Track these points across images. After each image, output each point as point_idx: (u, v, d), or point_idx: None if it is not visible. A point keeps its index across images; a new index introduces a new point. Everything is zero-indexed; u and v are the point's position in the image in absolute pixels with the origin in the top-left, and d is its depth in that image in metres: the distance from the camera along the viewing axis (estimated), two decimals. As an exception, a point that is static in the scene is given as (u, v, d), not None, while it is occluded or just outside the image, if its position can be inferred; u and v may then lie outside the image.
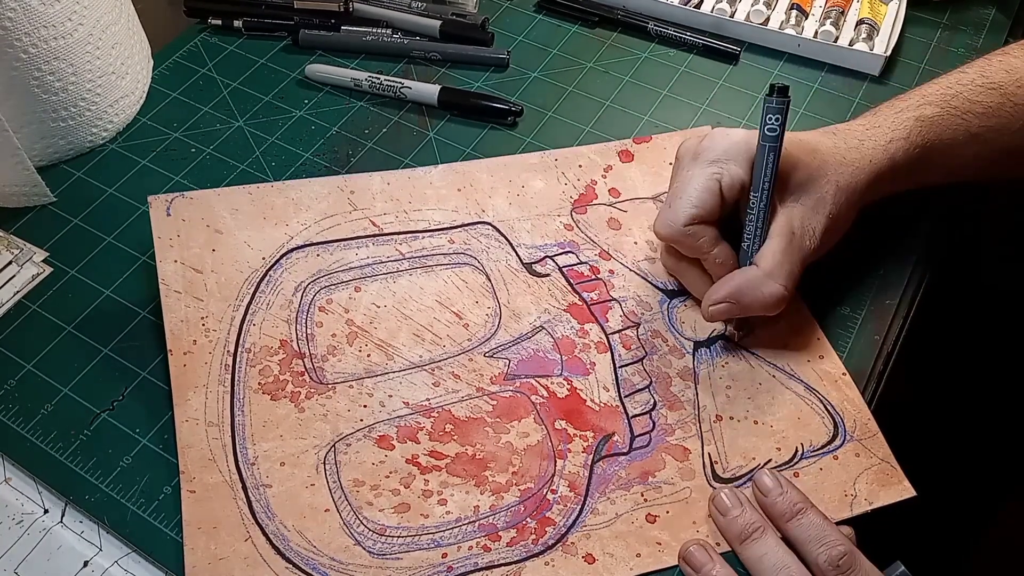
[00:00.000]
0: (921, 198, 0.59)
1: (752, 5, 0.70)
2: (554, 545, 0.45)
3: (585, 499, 0.47)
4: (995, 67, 0.54)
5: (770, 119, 0.48)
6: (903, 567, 0.45)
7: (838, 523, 0.46)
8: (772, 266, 0.49)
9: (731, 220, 0.51)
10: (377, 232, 0.56)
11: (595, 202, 0.58)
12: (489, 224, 0.57)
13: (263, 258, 0.54)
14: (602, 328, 0.53)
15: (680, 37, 0.70)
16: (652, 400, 0.50)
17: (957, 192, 0.60)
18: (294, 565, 0.44)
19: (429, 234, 0.56)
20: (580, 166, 0.60)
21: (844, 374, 0.51)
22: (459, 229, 0.56)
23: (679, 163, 0.52)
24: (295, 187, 0.57)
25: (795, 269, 0.49)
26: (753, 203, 0.49)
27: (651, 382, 0.51)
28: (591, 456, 0.48)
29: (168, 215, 0.55)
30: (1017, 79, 0.53)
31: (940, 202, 0.60)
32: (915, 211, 0.59)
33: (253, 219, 0.55)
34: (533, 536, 0.45)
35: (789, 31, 0.69)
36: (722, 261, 0.51)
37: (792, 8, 0.70)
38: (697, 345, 0.53)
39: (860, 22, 0.69)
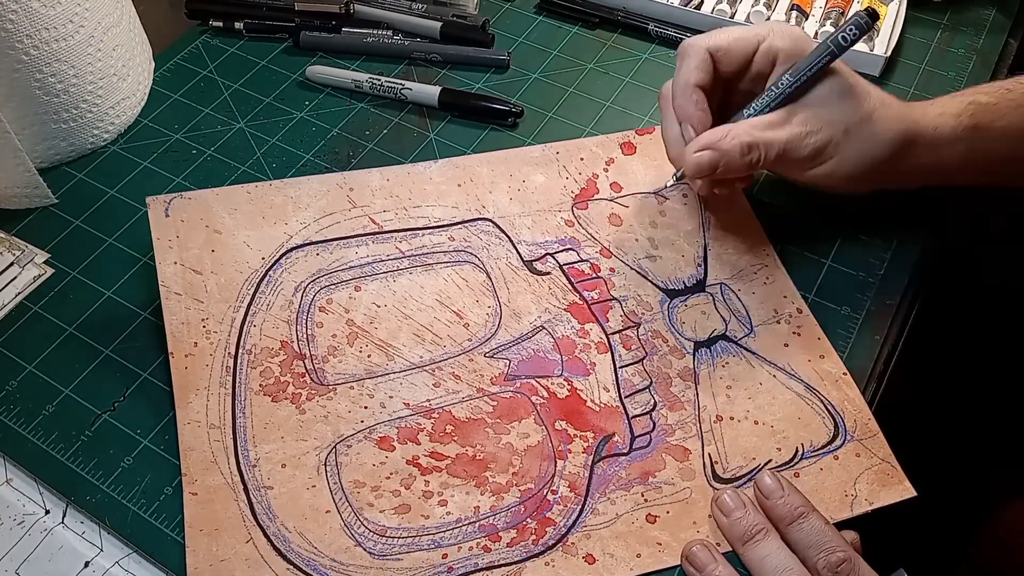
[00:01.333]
0: (921, 199, 0.59)
1: (752, 6, 0.70)
2: (554, 545, 0.45)
3: (585, 499, 0.47)
4: None
5: (848, 28, 0.49)
6: (906, 574, 0.44)
7: (841, 525, 0.46)
8: (754, 124, 0.50)
9: (737, 101, 0.53)
10: (377, 230, 0.56)
11: (596, 197, 0.58)
12: (489, 220, 0.57)
13: (262, 258, 0.54)
14: (602, 328, 0.53)
15: (680, 38, 0.69)
16: (652, 400, 0.50)
17: (957, 192, 0.60)
18: (295, 566, 0.44)
19: (429, 231, 0.56)
20: (582, 159, 0.60)
21: (845, 374, 0.51)
22: (459, 226, 0.56)
23: None
24: (294, 185, 0.57)
25: (777, 140, 0.49)
26: (778, 80, 0.50)
27: (651, 382, 0.51)
28: (591, 456, 0.48)
29: (167, 216, 0.55)
30: None
31: (940, 202, 0.60)
32: (916, 211, 0.59)
33: (252, 218, 0.55)
34: (533, 536, 0.45)
35: (789, 32, 0.69)
36: (696, 106, 0.52)
37: (792, 9, 0.70)
38: (697, 345, 0.53)
39: (860, 23, 0.69)
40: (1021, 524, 0.62)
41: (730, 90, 0.54)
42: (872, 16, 0.49)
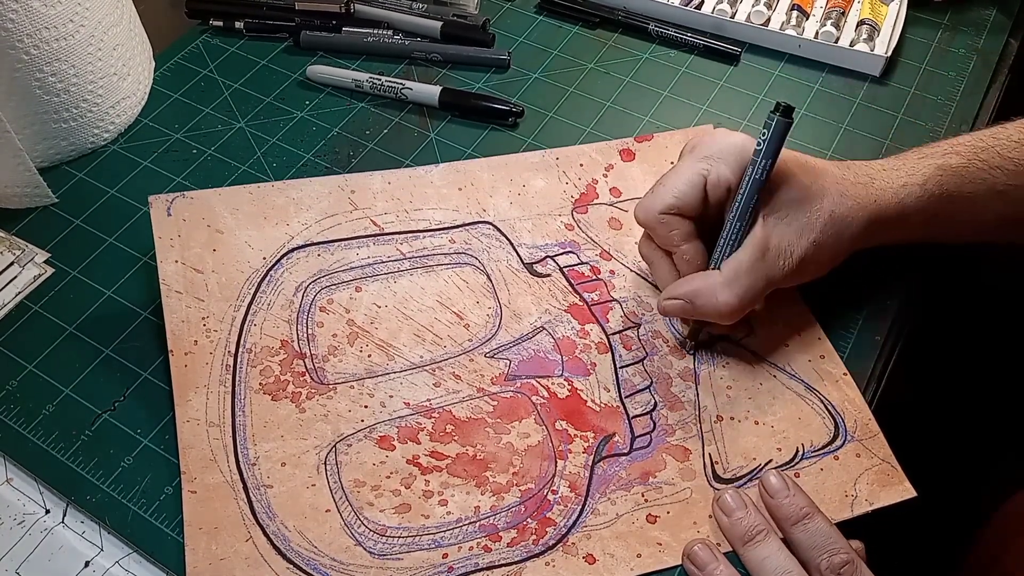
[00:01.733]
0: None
1: (753, 6, 0.70)
2: (555, 545, 0.45)
3: (586, 499, 0.47)
4: None
5: (763, 132, 0.47)
6: None
7: (842, 526, 0.46)
8: (733, 276, 0.48)
9: (715, 227, 0.50)
10: (378, 232, 0.56)
11: (596, 202, 0.58)
12: (490, 224, 0.57)
13: (264, 258, 0.54)
14: (603, 328, 0.53)
15: (681, 38, 0.70)
16: (653, 400, 0.50)
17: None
18: (295, 565, 0.44)
19: (430, 234, 0.56)
20: (581, 165, 0.60)
21: (845, 374, 0.51)
22: (460, 229, 0.56)
23: (680, 157, 0.52)
24: (296, 187, 0.57)
25: (757, 285, 0.48)
26: (734, 208, 0.48)
27: (652, 382, 0.51)
28: (592, 457, 0.48)
29: (169, 215, 0.55)
30: None
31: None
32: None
33: (254, 219, 0.55)
34: (534, 536, 0.45)
35: (790, 32, 0.69)
36: (690, 259, 0.50)
37: (793, 9, 0.70)
38: (698, 345, 0.53)
39: (861, 23, 0.69)
40: (1022, 524, 0.62)
41: (704, 217, 0.51)
42: (787, 112, 0.46)
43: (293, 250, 0.54)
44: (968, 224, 0.52)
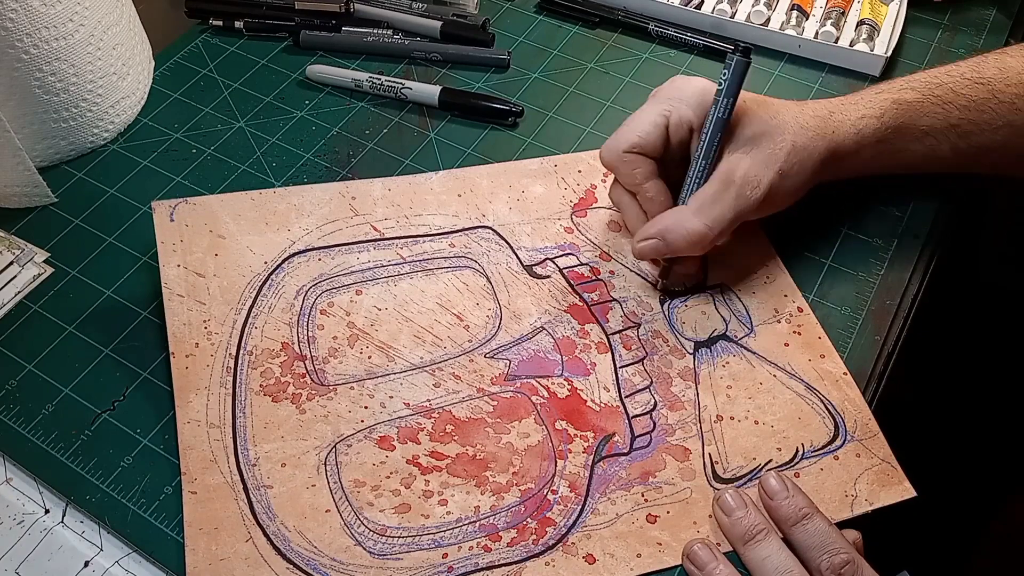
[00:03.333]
0: (921, 199, 0.59)
1: (753, 6, 0.70)
2: (554, 545, 0.45)
3: (586, 499, 0.47)
4: (989, 64, 0.54)
5: (723, 72, 0.49)
6: None
7: (843, 524, 0.46)
8: (700, 205, 0.50)
9: (678, 171, 0.52)
10: (378, 236, 0.56)
11: (595, 205, 0.58)
12: (489, 228, 0.57)
13: (265, 262, 0.54)
14: (603, 328, 0.53)
15: (681, 38, 0.70)
16: (653, 400, 0.50)
17: (957, 192, 0.60)
18: (295, 566, 0.44)
19: (430, 238, 0.56)
20: (580, 171, 0.60)
21: (845, 374, 0.51)
22: (460, 233, 0.57)
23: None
24: (297, 193, 0.57)
25: (726, 214, 0.50)
26: (699, 147, 0.51)
27: (652, 382, 0.51)
28: (592, 456, 0.48)
29: (171, 220, 0.55)
30: (1007, 77, 0.53)
31: (940, 202, 0.60)
32: (915, 211, 0.59)
33: (255, 224, 0.55)
34: (534, 536, 0.45)
35: (790, 32, 0.69)
36: (652, 196, 0.52)
37: (793, 9, 0.70)
38: (698, 345, 0.53)
39: (861, 23, 0.69)
40: (1022, 522, 0.62)
41: (668, 159, 0.53)
42: (745, 52, 0.49)
43: (294, 255, 0.54)
44: (925, 156, 0.54)
